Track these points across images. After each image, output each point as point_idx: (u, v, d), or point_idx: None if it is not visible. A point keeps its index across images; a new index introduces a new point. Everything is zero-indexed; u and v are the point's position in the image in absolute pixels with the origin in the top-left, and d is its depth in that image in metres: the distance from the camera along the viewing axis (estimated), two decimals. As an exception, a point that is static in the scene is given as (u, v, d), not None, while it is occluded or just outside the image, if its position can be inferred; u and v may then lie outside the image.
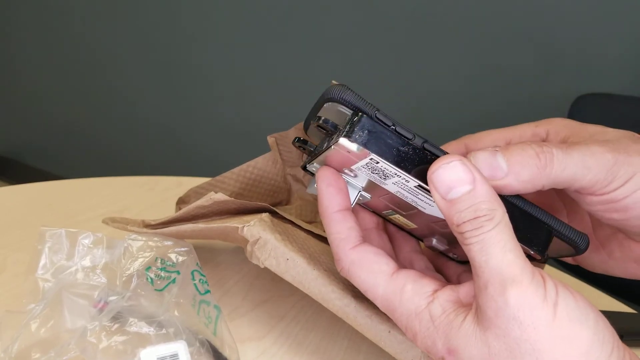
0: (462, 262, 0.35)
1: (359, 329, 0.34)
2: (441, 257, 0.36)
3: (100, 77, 1.64)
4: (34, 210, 0.54)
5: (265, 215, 0.36)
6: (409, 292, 0.29)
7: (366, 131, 0.27)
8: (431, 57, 1.22)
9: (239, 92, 1.46)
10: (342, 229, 0.31)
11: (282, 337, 0.41)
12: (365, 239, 0.31)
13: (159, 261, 0.37)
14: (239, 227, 0.34)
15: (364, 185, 0.31)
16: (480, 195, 0.26)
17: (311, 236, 0.39)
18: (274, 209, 0.39)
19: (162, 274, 0.36)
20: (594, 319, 0.25)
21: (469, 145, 0.34)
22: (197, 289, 0.36)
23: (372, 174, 0.29)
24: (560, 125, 0.33)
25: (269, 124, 1.34)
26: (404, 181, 0.28)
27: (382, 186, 0.30)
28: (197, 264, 0.38)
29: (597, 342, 0.25)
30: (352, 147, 0.27)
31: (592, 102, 0.88)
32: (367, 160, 0.28)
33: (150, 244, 0.38)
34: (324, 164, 0.31)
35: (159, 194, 0.61)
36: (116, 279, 0.36)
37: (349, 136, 0.27)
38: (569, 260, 0.36)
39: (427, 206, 0.30)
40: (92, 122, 1.72)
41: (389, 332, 0.33)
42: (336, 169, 0.31)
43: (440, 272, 0.36)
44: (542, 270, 0.26)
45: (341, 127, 0.28)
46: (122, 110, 1.66)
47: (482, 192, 0.26)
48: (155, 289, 0.36)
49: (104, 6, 1.54)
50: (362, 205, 0.35)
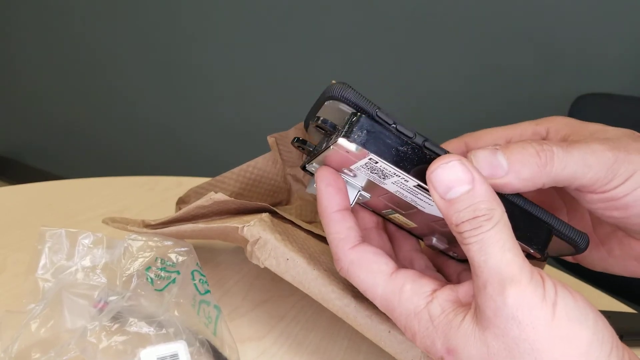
0: (462, 261, 0.35)
1: (359, 329, 0.34)
2: (441, 255, 0.36)
3: (100, 77, 1.64)
4: (34, 210, 0.54)
5: (265, 215, 0.36)
6: (408, 292, 0.29)
7: (365, 131, 0.27)
8: (431, 57, 1.22)
9: (239, 92, 1.46)
10: (341, 229, 0.31)
11: (282, 337, 0.41)
12: (364, 239, 0.31)
13: (159, 261, 0.37)
14: (239, 227, 0.34)
15: (364, 184, 0.31)
16: (479, 195, 0.26)
17: (311, 236, 0.39)
18: (274, 209, 0.39)
19: (162, 274, 0.36)
20: (593, 319, 0.25)
21: (469, 143, 0.34)
22: (197, 289, 0.36)
23: (371, 174, 0.29)
24: (560, 123, 0.33)
25: (269, 124, 1.34)
26: (403, 181, 0.28)
27: (382, 186, 0.30)
28: (197, 264, 0.38)
29: (596, 342, 0.25)
30: (351, 147, 0.27)
31: (592, 102, 0.88)
32: (366, 160, 0.28)
33: (150, 244, 0.38)
34: (323, 163, 0.31)
35: (159, 194, 0.61)
36: (116, 279, 0.36)
37: (347, 136, 0.27)
38: (568, 258, 0.37)
39: (427, 205, 0.30)
40: (92, 122, 1.72)
41: (389, 332, 0.33)
42: (335, 168, 0.31)
43: (440, 270, 0.36)
44: (541, 270, 0.26)
45: (340, 127, 0.28)
46: (122, 110, 1.66)
47: (481, 192, 0.26)
48: (155, 289, 0.36)
49: (104, 6, 1.54)
50: (362, 204, 0.35)
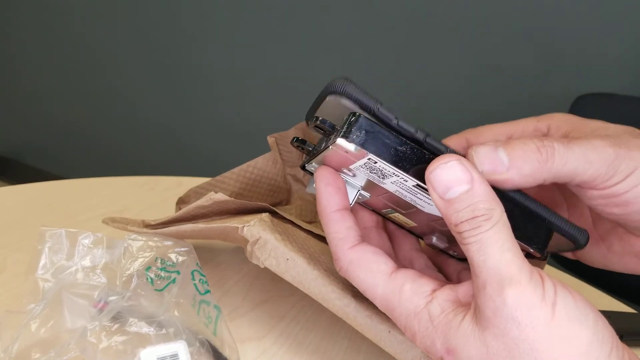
0: (462, 260, 0.35)
1: (359, 329, 0.34)
2: (441, 254, 0.36)
3: (100, 77, 1.64)
4: (34, 210, 0.54)
5: (265, 215, 0.36)
6: (408, 292, 0.28)
7: (364, 131, 0.27)
8: (431, 57, 1.21)
9: (239, 92, 1.46)
10: (340, 229, 0.30)
11: (282, 337, 0.41)
12: (364, 238, 0.31)
13: (159, 261, 0.37)
14: (239, 227, 0.34)
15: (363, 184, 0.31)
16: (478, 194, 0.26)
17: (311, 236, 0.39)
18: (274, 209, 0.39)
19: (162, 274, 0.36)
20: (593, 319, 0.25)
21: (470, 139, 0.34)
22: (197, 289, 0.36)
23: (370, 174, 0.29)
24: (561, 120, 0.33)
25: (269, 124, 1.34)
26: (402, 180, 0.28)
27: (381, 185, 0.30)
28: (197, 264, 0.38)
29: (596, 342, 0.25)
30: (350, 147, 0.27)
31: (592, 102, 0.88)
32: (365, 160, 0.28)
33: (150, 244, 0.38)
34: (323, 163, 0.31)
35: (159, 194, 0.61)
36: (116, 279, 0.36)
37: (346, 136, 0.27)
38: (568, 255, 0.37)
39: (426, 205, 0.30)
40: (92, 122, 1.72)
41: (389, 332, 0.33)
42: (335, 168, 0.31)
43: (440, 269, 0.36)
44: (540, 270, 0.26)
45: (339, 127, 0.28)
46: (122, 110, 1.66)
47: (480, 192, 0.26)
48: (155, 289, 0.36)
49: (104, 6, 1.54)
50: (362, 204, 0.35)
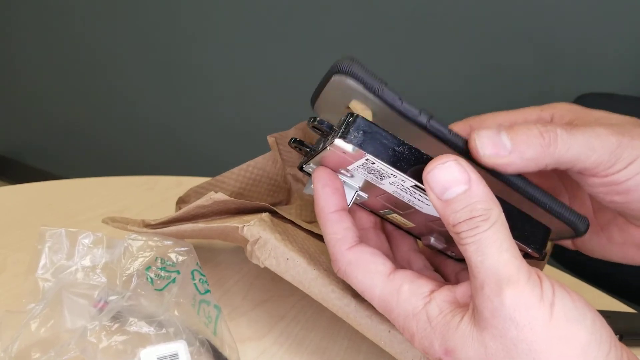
0: (461, 260, 0.35)
1: (359, 328, 0.34)
2: (439, 255, 0.36)
3: (100, 77, 1.64)
4: (34, 210, 0.54)
5: (265, 215, 0.36)
6: (406, 293, 0.28)
7: (361, 132, 0.27)
8: (431, 57, 1.21)
9: (239, 92, 1.46)
10: (338, 230, 0.30)
11: (282, 337, 0.41)
12: (362, 239, 0.31)
13: (159, 261, 0.37)
14: (239, 227, 0.34)
15: (361, 185, 0.31)
16: (475, 195, 0.25)
17: (311, 236, 0.39)
18: (274, 208, 0.39)
19: (162, 273, 0.36)
20: (591, 319, 0.25)
21: (473, 126, 0.34)
22: (197, 289, 0.36)
23: (368, 174, 0.29)
24: (565, 109, 0.34)
25: (269, 124, 1.34)
26: (400, 181, 0.28)
27: (379, 186, 0.30)
28: (197, 263, 0.38)
29: (594, 342, 0.25)
30: (348, 147, 0.27)
31: (592, 102, 0.88)
32: (362, 160, 0.28)
33: (150, 243, 0.38)
34: (321, 164, 0.31)
35: (158, 193, 0.61)
36: (116, 279, 0.36)
37: (344, 137, 0.27)
38: (568, 244, 0.36)
39: (424, 205, 0.30)
40: (92, 122, 1.72)
41: (389, 332, 0.33)
42: (333, 169, 0.31)
43: (438, 270, 0.36)
44: (538, 270, 0.26)
45: (336, 128, 0.28)
46: (122, 110, 1.66)
47: (477, 192, 0.26)
48: (155, 289, 0.36)
49: (104, 6, 1.54)
50: (360, 204, 0.35)
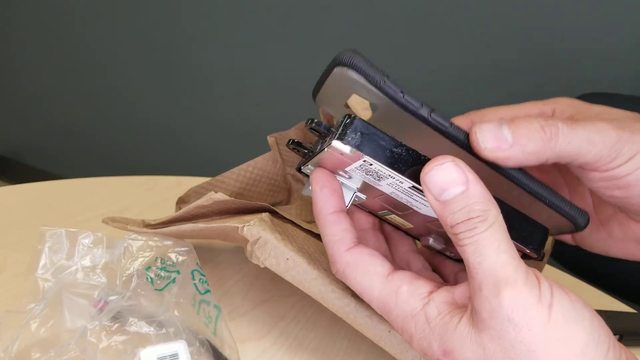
0: (459, 261, 0.35)
1: (359, 328, 0.34)
2: (438, 255, 0.36)
3: (100, 77, 1.64)
4: (34, 210, 0.54)
5: (265, 215, 0.36)
6: (405, 294, 0.28)
7: (359, 133, 0.27)
8: (431, 57, 1.21)
9: (239, 92, 1.46)
10: (336, 231, 0.30)
11: (282, 337, 0.41)
12: (361, 240, 0.31)
13: (159, 261, 0.37)
14: (239, 227, 0.34)
15: (359, 186, 0.31)
16: (473, 196, 0.25)
17: (311, 236, 0.39)
18: (274, 208, 0.39)
19: (162, 273, 0.36)
20: (589, 319, 0.25)
21: (475, 120, 0.34)
22: (197, 289, 0.36)
23: (366, 176, 0.29)
24: (566, 104, 0.34)
25: (269, 124, 1.34)
26: (398, 182, 0.28)
27: (377, 187, 0.30)
28: (197, 263, 0.38)
29: (593, 342, 0.25)
30: (345, 149, 0.27)
31: (593, 102, 0.88)
32: (360, 162, 0.28)
33: (150, 243, 0.38)
34: (319, 165, 0.31)
35: (158, 193, 0.61)
36: (116, 279, 0.36)
37: (341, 138, 0.27)
38: (568, 240, 0.37)
39: (423, 206, 0.30)
40: (92, 122, 1.72)
41: (389, 331, 0.33)
42: (331, 170, 0.31)
43: (437, 271, 0.36)
44: (537, 270, 0.26)
45: (334, 129, 0.28)
46: (122, 110, 1.66)
47: (475, 193, 0.25)
48: (155, 289, 0.36)
49: (104, 6, 1.54)
50: (358, 205, 0.35)
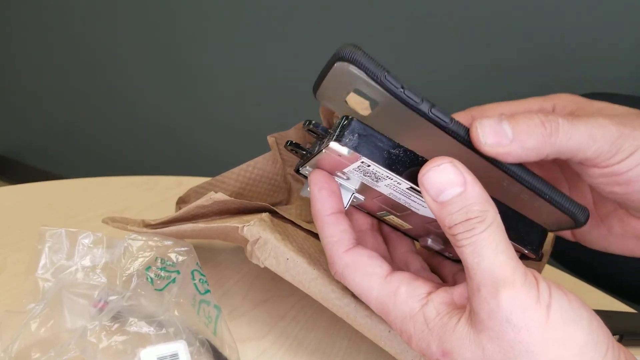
0: (458, 262, 0.35)
1: (359, 328, 0.34)
2: (437, 256, 0.36)
3: (100, 77, 1.64)
4: (34, 210, 0.54)
5: (265, 215, 0.36)
6: (403, 295, 0.28)
7: (356, 134, 0.27)
8: (431, 58, 1.22)
9: (239, 92, 1.46)
10: (335, 232, 0.30)
11: (282, 337, 0.41)
12: (359, 241, 0.31)
13: (159, 261, 0.37)
14: (239, 227, 0.34)
15: (357, 187, 0.31)
16: (471, 197, 0.25)
17: (311, 236, 0.39)
18: (274, 208, 0.39)
19: (162, 273, 0.36)
20: (587, 320, 0.25)
21: (475, 115, 0.34)
22: (197, 289, 0.36)
23: (364, 177, 0.29)
24: (567, 100, 0.34)
25: (269, 124, 1.34)
26: (396, 183, 0.28)
27: (375, 188, 0.30)
28: (197, 263, 0.38)
29: (591, 343, 0.25)
30: (343, 150, 0.27)
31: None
32: (358, 163, 0.28)
33: (150, 243, 0.38)
34: (317, 167, 0.31)
35: (158, 193, 0.61)
36: (116, 279, 0.36)
37: (339, 140, 0.27)
38: (568, 236, 0.36)
39: (421, 207, 0.30)
40: (92, 122, 1.72)
41: (389, 331, 0.33)
42: (329, 171, 0.31)
43: (435, 271, 0.36)
44: (535, 271, 0.26)
45: (332, 131, 0.28)
46: (122, 110, 1.66)
47: (473, 194, 0.25)
48: (155, 289, 0.36)
49: (104, 6, 1.54)
50: (356, 207, 0.35)
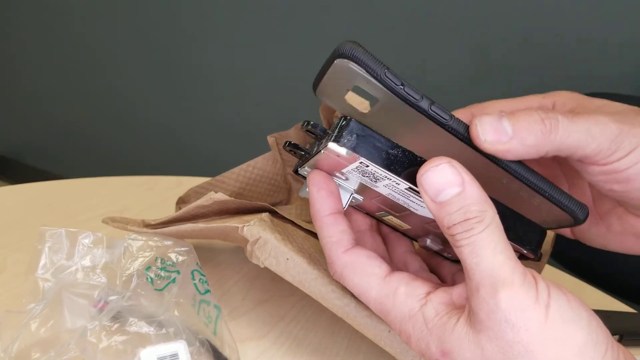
0: (457, 262, 0.35)
1: (359, 328, 0.34)
2: (435, 256, 0.36)
3: (100, 77, 1.64)
4: (34, 210, 0.54)
5: (265, 215, 0.36)
6: (402, 295, 0.28)
7: (355, 135, 0.27)
8: (431, 58, 1.22)
9: (239, 92, 1.46)
10: (334, 233, 0.30)
11: (282, 337, 0.41)
12: (358, 242, 0.31)
13: (159, 261, 0.37)
14: (238, 227, 0.34)
15: (356, 187, 0.31)
16: (469, 197, 0.25)
17: (311, 236, 0.39)
18: (274, 208, 0.39)
19: (162, 273, 0.36)
20: (587, 319, 0.25)
21: (475, 113, 0.34)
22: (197, 289, 0.36)
23: (363, 177, 0.29)
24: (567, 97, 0.33)
25: (269, 124, 1.34)
26: (394, 184, 0.28)
27: (374, 189, 0.30)
28: (197, 263, 0.38)
29: (591, 343, 0.25)
30: (341, 151, 0.27)
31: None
32: (357, 163, 0.28)
33: (150, 243, 0.38)
34: (315, 167, 0.31)
35: (158, 193, 0.61)
36: (116, 279, 0.36)
37: (337, 140, 0.27)
38: (567, 233, 0.36)
39: (419, 207, 0.30)
40: (92, 122, 1.72)
41: (389, 331, 0.33)
42: (327, 172, 0.31)
43: (434, 271, 0.36)
44: (534, 271, 0.26)
45: (330, 131, 0.28)
46: (122, 110, 1.66)
47: (471, 194, 0.25)
48: (155, 289, 0.36)
49: (104, 6, 1.54)
50: (355, 207, 0.35)
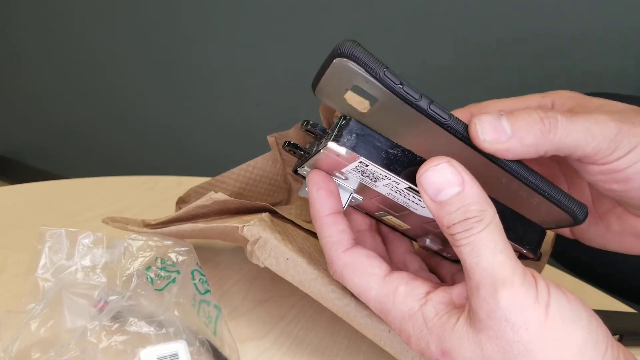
0: (456, 261, 0.35)
1: (359, 328, 0.34)
2: (435, 256, 0.36)
3: (100, 77, 1.64)
4: (34, 210, 0.54)
5: (265, 215, 0.36)
6: (402, 295, 0.28)
7: (354, 134, 0.27)
8: (431, 57, 1.22)
9: (239, 92, 1.46)
10: (333, 232, 0.30)
11: (282, 337, 0.41)
12: (358, 241, 0.31)
13: (159, 261, 0.37)
14: (238, 227, 0.34)
15: (355, 187, 0.31)
16: (469, 196, 0.25)
17: (311, 236, 0.39)
18: (274, 208, 0.39)
19: (162, 273, 0.36)
20: (587, 319, 0.25)
21: (474, 112, 0.34)
22: (197, 289, 0.36)
23: (362, 177, 0.29)
24: (566, 96, 0.33)
25: (269, 124, 1.34)
26: (394, 183, 0.28)
27: (373, 188, 0.30)
28: (197, 263, 0.38)
29: (591, 342, 0.25)
30: (341, 150, 0.27)
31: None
32: (356, 163, 0.28)
33: (150, 243, 0.38)
34: (315, 167, 0.31)
35: (158, 193, 0.61)
36: (116, 279, 0.36)
37: (337, 140, 0.27)
38: (566, 233, 0.36)
39: (419, 207, 0.30)
40: (92, 122, 1.72)
41: (389, 331, 0.33)
42: (327, 172, 0.31)
43: (434, 271, 0.36)
44: (534, 270, 0.26)
45: (330, 131, 0.28)
46: (122, 110, 1.66)
47: (471, 194, 0.25)
48: (155, 289, 0.36)
49: (104, 6, 1.54)
50: (355, 207, 0.35)
